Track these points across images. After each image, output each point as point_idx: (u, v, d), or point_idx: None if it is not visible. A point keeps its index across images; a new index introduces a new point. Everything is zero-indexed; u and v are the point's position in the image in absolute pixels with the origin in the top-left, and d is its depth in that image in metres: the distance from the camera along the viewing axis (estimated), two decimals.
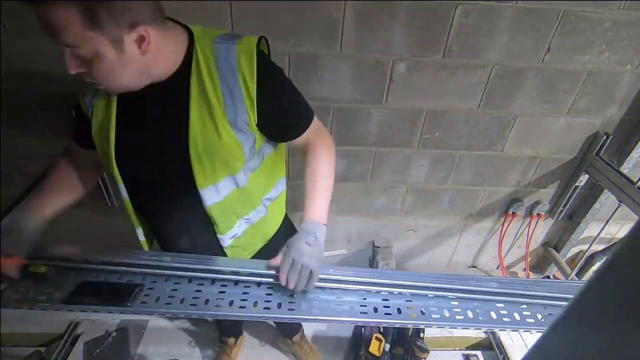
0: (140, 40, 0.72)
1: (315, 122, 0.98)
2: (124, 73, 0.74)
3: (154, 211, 1.01)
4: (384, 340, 1.66)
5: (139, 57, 0.73)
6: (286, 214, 1.21)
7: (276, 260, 0.87)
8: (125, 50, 0.71)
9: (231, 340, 1.81)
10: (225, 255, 1.05)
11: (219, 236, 1.01)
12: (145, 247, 1.07)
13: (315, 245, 0.86)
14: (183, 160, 0.84)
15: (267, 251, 1.13)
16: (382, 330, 1.71)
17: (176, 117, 0.83)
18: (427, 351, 1.69)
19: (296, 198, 1.25)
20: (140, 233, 1.05)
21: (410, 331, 1.70)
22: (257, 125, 0.87)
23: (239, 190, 0.95)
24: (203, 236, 1.01)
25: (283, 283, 0.84)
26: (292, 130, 0.95)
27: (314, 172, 0.95)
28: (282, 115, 0.90)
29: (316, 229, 0.89)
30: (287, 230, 1.22)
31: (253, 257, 1.11)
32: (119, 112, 0.85)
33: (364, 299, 0.89)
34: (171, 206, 0.96)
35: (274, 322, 1.80)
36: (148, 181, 0.93)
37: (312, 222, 0.91)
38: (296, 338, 1.81)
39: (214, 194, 0.91)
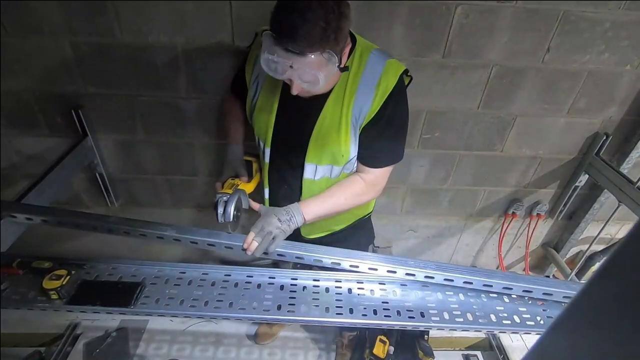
0: None
1: (386, 172, 1.08)
2: None
3: (276, 174, 1.16)
4: (388, 343, 1.64)
5: None
6: (359, 220, 1.33)
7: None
8: None
9: None
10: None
11: None
12: (267, 204, 1.24)
13: (284, 224, 0.97)
14: (306, 138, 1.01)
15: (328, 241, 1.21)
16: (385, 331, 1.70)
17: (319, 105, 0.98)
18: (432, 355, 1.68)
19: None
20: (266, 193, 1.22)
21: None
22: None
23: (329, 180, 1.09)
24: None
25: (247, 244, 0.93)
26: (371, 160, 1.05)
27: (342, 188, 1.07)
28: (376, 142, 1.01)
29: (297, 215, 0.99)
30: (358, 230, 1.35)
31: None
32: (282, 92, 1.01)
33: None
34: (285, 172, 1.14)
35: None
36: (282, 151, 1.09)
37: (298, 209, 1.01)
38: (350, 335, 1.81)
39: (311, 171, 1.07)
